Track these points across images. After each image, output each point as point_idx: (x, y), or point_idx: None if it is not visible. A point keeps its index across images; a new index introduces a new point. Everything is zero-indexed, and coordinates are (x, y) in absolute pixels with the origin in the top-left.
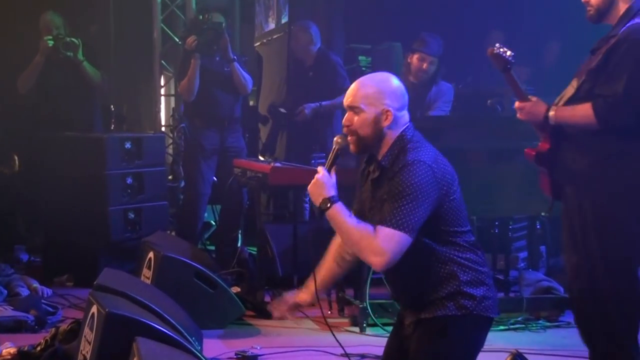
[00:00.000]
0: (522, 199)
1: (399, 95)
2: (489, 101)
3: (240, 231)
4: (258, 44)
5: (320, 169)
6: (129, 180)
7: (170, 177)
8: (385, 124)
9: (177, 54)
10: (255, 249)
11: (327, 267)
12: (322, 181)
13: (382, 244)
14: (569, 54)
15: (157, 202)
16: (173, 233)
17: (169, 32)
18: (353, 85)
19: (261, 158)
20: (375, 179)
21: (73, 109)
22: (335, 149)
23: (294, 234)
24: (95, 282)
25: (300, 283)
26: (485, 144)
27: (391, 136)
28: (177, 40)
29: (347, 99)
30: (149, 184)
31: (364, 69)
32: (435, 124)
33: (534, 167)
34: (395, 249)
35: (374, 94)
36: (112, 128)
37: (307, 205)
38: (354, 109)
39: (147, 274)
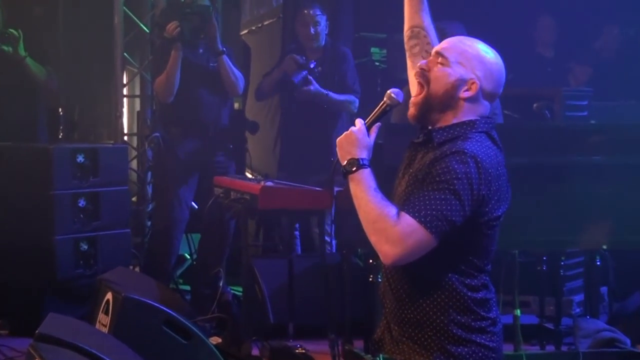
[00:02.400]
0: (577, 229)
1: (496, 80)
2: (535, 105)
3: (222, 268)
4: (245, 32)
5: (358, 121)
6: (82, 203)
7: (134, 199)
8: (464, 95)
9: (144, 44)
10: (240, 289)
11: None
12: (357, 136)
13: (401, 233)
14: (628, 42)
15: (117, 229)
16: (137, 269)
17: (134, 17)
18: (459, 37)
19: (249, 175)
20: (414, 145)
21: (10, 113)
22: (385, 104)
23: (289, 271)
24: (37, 331)
25: (296, 332)
26: (530, 159)
27: (460, 114)
28: (144, 27)
29: (440, 45)
30: (107, 208)
31: (377, 63)
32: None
33: (591, 188)
34: (412, 246)
35: (472, 58)
36: (60, 137)
37: (297, 233)
38: (441, 55)
39: (103, 321)
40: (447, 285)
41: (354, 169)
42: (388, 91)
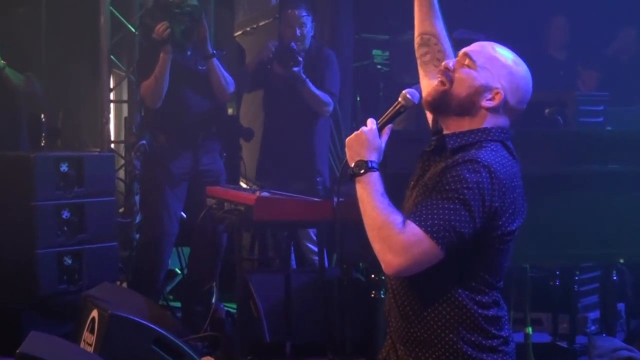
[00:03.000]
0: (592, 241)
1: (521, 96)
2: (547, 111)
3: (215, 283)
4: (239, 33)
5: (370, 121)
6: (66, 214)
7: (121, 210)
8: (486, 104)
9: (131, 46)
10: (234, 306)
11: None
12: (367, 137)
13: (405, 242)
14: None
15: (103, 243)
16: (125, 285)
17: (121, 17)
18: (485, 42)
19: (243, 185)
20: (426, 153)
21: None
22: (399, 104)
23: (286, 286)
24: (18, 350)
25: (294, 352)
26: (541, 168)
27: (477, 122)
28: (131, 28)
29: (469, 47)
30: (92, 220)
31: (379, 67)
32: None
33: (607, 198)
34: (417, 256)
35: (500, 66)
36: (42, 144)
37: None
38: (469, 57)
39: (88, 340)
40: (456, 302)
41: (362, 171)
42: (403, 91)
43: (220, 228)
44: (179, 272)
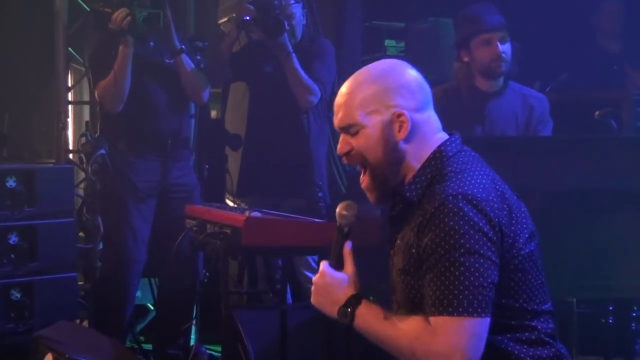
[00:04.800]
0: None
1: (415, 89)
2: (597, 113)
3: (195, 321)
4: (224, 20)
5: (322, 265)
6: (13, 239)
7: (81, 234)
8: (401, 135)
9: (92, 37)
10: (219, 349)
11: None
12: (329, 284)
13: (448, 341)
14: None
15: (60, 273)
16: (86, 323)
17: (80, 1)
18: (341, 90)
19: (230, 203)
20: (393, 218)
21: None
22: (341, 227)
23: (281, 325)
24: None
25: None
26: (589, 181)
27: (415, 154)
28: None
29: (336, 114)
30: (46, 245)
31: None
32: (500, 147)
33: None
34: (470, 343)
35: (375, 95)
36: None
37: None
38: (348, 128)
39: None
40: (499, 352)
41: (348, 316)
42: (337, 209)
43: (201, 255)
44: (152, 307)
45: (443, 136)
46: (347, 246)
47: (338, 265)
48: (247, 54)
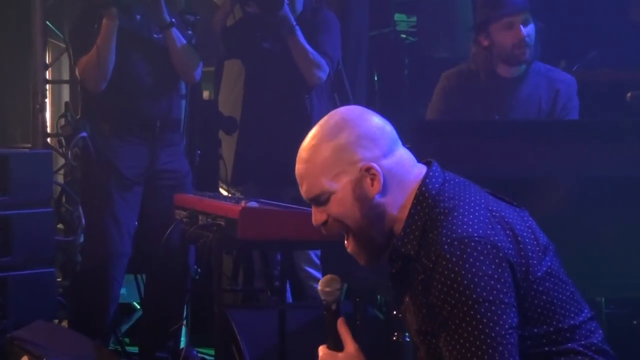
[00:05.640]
0: None
1: (376, 136)
2: (629, 95)
3: (185, 321)
4: None
5: (320, 352)
6: None
7: (60, 226)
8: (375, 190)
9: (74, 10)
10: (211, 351)
11: None
12: None
13: None
14: None
15: (36, 269)
16: (65, 323)
17: None
18: (298, 157)
19: (223, 192)
20: (395, 275)
21: None
22: (328, 305)
23: (280, 326)
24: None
25: None
26: (619, 170)
27: (396, 203)
28: None
29: (300, 186)
30: (21, 238)
31: (403, 36)
32: (520, 132)
33: None
34: None
35: (335, 155)
36: None
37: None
38: (317, 199)
39: None
40: None
41: None
42: (319, 286)
43: (192, 249)
44: (138, 306)
45: (420, 170)
46: (342, 324)
47: (337, 347)
48: (242, 28)
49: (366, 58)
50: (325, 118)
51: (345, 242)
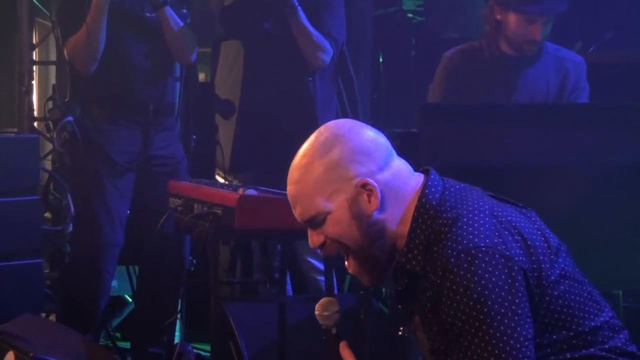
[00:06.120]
0: None
1: (369, 149)
2: None
3: (179, 315)
4: None
5: None
6: None
7: (48, 215)
8: (373, 206)
9: None
10: (207, 347)
11: None
12: None
13: None
14: None
15: (22, 260)
16: (53, 317)
17: None
18: (289, 178)
19: (220, 179)
20: (401, 294)
21: None
22: (327, 329)
23: (280, 320)
24: None
25: None
26: (636, 156)
27: (396, 218)
28: None
29: (293, 208)
30: (6, 227)
31: (410, 15)
32: (532, 117)
33: None
34: None
35: (329, 173)
36: None
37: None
38: (313, 221)
39: None
40: None
41: None
42: (315, 311)
43: (187, 239)
44: (130, 299)
45: (418, 180)
46: (344, 348)
47: None
48: (241, 7)
49: (371, 39)
50: (314, 134)
51: (346, 262)
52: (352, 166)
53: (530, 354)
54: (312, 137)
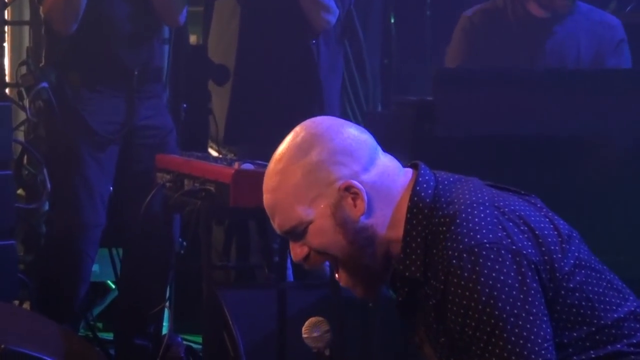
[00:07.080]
0: None
1: (352, 148)
2: None
3: (168, 303)
4: None
5: None
6: None
7: (21, 192)
8: (359, 210)
9: None
10: (198, 338)
11: None
12: None
13: None
14: None
15: None
16: (27, 305)
17: None
18: (265, 186)
19: (213, 152)
20: (403, 304)
21: None
22: (319, 352)
23: (279, 309)
24: None
25: None
26: None
27: (386, 221)
28: None
29: (271, 219)
30: None
31: None
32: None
33: None
34: None
35: (308, 177)
36: None
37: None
38: (293, 232)
39: None
40: None
41: None
42: (303, 334)
43: (177, 219)
44: (113, 285)
45: (407, 177)
46: None
47: None
48: None
49: None
50: (290, 135)
51: (336, 275)
52: (333, 168)
53: (551, 357)
54: (287, 139)
